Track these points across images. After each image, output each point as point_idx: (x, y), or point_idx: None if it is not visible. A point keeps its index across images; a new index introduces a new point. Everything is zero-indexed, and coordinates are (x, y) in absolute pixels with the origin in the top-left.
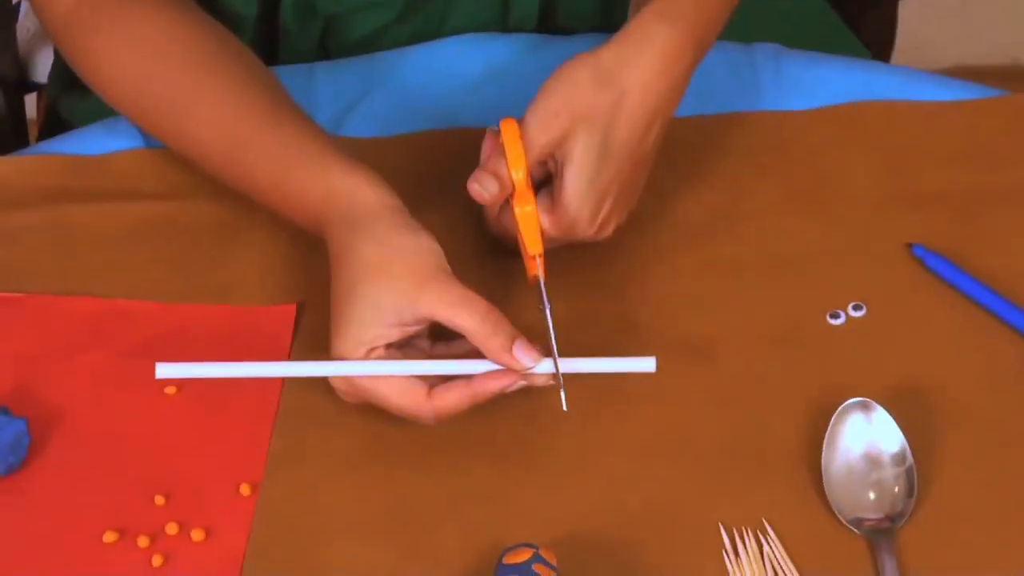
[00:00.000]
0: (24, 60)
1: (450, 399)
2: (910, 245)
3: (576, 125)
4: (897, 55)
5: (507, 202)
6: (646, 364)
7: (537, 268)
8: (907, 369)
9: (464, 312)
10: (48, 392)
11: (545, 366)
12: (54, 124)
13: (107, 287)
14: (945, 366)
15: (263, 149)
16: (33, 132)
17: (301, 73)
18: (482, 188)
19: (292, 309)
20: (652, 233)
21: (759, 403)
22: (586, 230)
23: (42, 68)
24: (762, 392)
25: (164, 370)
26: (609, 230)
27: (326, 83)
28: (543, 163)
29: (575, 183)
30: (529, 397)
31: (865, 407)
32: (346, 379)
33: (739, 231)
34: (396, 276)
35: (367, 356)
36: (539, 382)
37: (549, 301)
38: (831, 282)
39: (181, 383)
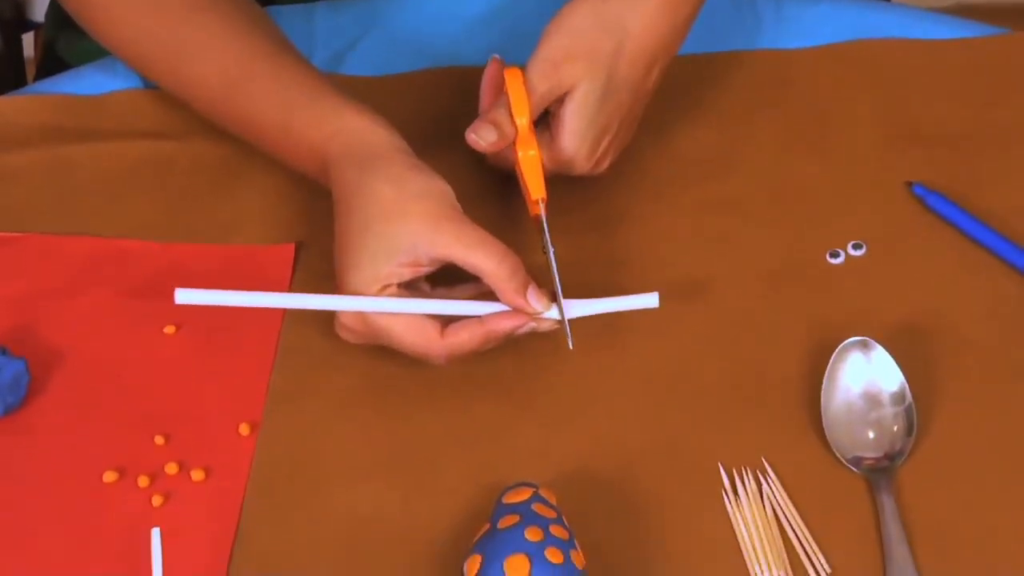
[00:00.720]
0: None
1: (463, 337)
2: (910, 184)
3: (578, 69)
4: None
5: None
6: (649, 300)
7: (540, 211)
8: (906, 308)
9: (482, 253)
10: (47, 332)
11: (554, 312)
12: (51, 63)
13: (106, 227)
14: (944, 305)
15: (266, 91)
16: (31, 71)
17: (300, 13)
18: (479, 138)
19: (291, 248)
20: (652, 172)
21: (758, 342)
22: (583, 166)
23: (39, 7)
24: (761, 331)
25: (183, 296)
26: (604, 165)
27: (325, 22)
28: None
29: (574, 123)
30: (531, 337)
31: (864, 346)
32: (358, 317)
33: (739, 169)
34: (413, 216)
35: (380, 293)
36: (545, 326)
37: (552, 245)
38: (831, 221)
39: (181, 322)
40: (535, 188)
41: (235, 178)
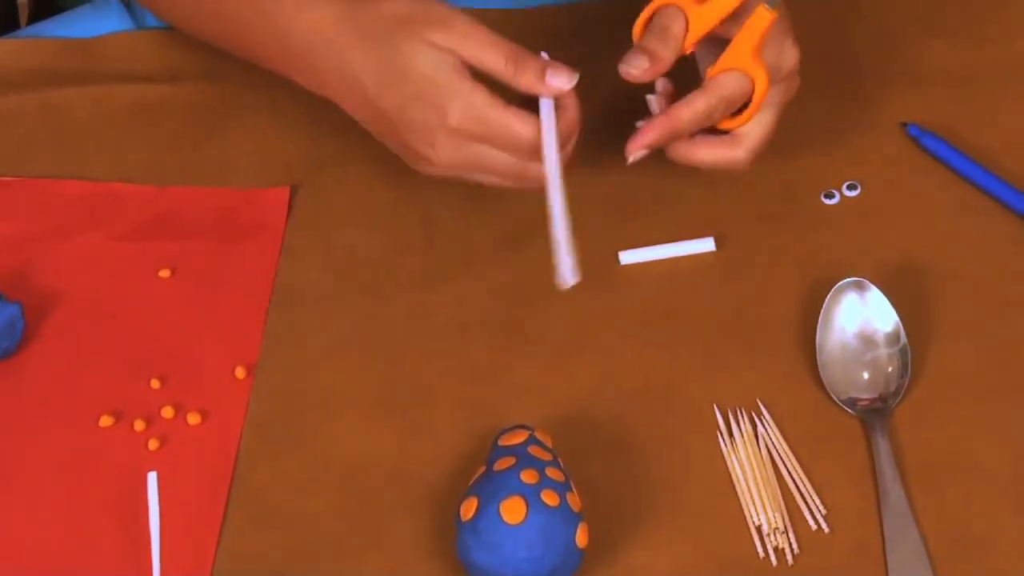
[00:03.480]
0: None
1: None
2: (905, 124)
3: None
4: None
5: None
6: (706, 244)
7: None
8: (901, 249)
9: (491, 52)
10: (42, 276)
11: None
12: (44, 7)
13: (100, 170)
14: (939, 245)
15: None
16: (24, 16)
17: None
18: (630, 66)
19: (286, 192)
20: (643, 109)
21: (753, 283)
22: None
23: None
24: (756, 272)
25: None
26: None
27: None
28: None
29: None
30: (529, 275)
31: (859, 287)
32: (471, 133)
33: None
34: (422, 18)
35: (478, 85)
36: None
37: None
38: (825, 161)
39: (176, 266)
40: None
41: (229, 121)
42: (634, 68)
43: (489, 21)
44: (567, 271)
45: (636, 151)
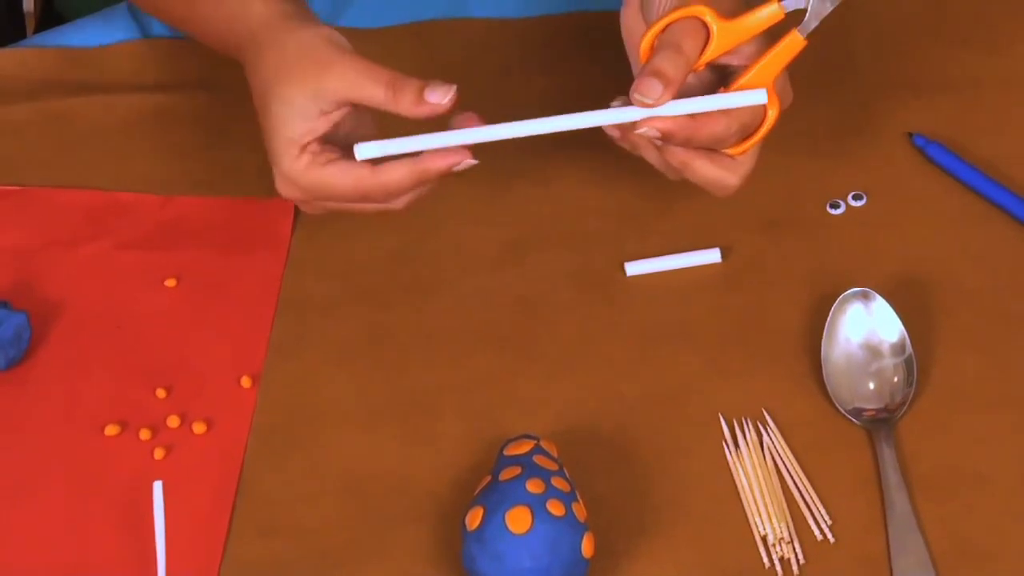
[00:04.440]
0: None
1: (397, 174)
2: (910, 134)
3: None
4: None
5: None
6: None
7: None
8: (907, 259)
9: (368, 83)
10: (48, 286)
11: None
12: (50, 17)
13: (105, 179)
14: (945, 256)
15: None
16: (30, 25)
17: None
18: (643, 96)
19: (291, 202)
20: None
21: (759, 293)
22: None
23: None
24: (762, 282)
25: (363, 150)
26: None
27: None
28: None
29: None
30: (529, 284)
31: (865, 297)
32: (291, 181)
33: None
34: (298, 69)
35: (302, 154)
36: (463, 162)
37: None
38: (831, 171)
39: (182, 275)
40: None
41: (235, 131)
42: (649, 98)
43: (489, 30)
44: None
45: (650, 128)
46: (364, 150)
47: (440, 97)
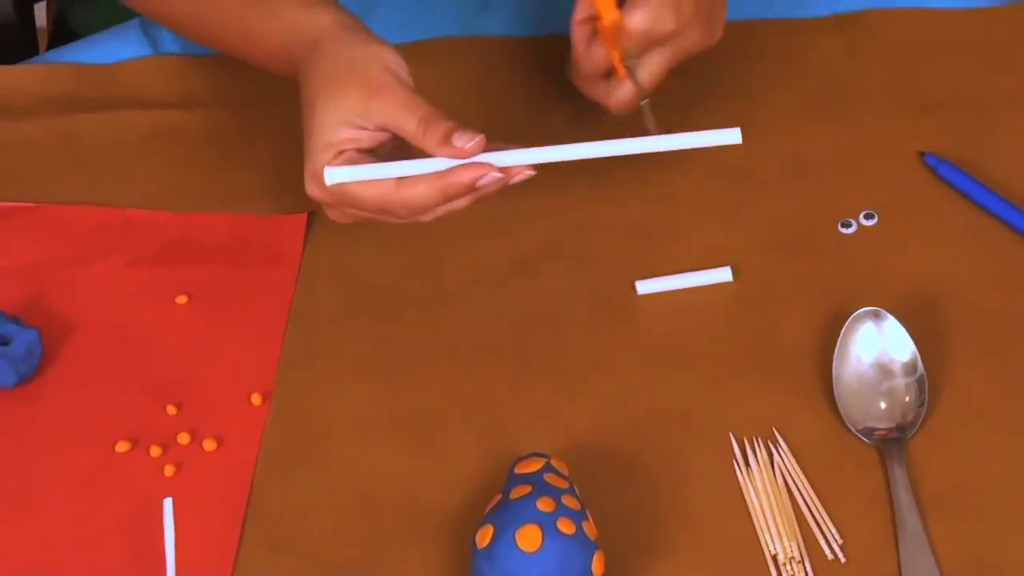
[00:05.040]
0: None
1: (419, 189)
2: (922, 153)
3: None
4: None
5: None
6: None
7: (616, 39)
8: (919, 278)
9: (405, 114)
10: (60, 302)
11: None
12: (63, 33)
13: (117, 196)
14: (957, 275)
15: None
16: (43, 41)
17: None
18: (622, 105)
19: (303, 218)
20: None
21: (770, 312)
22: (671, 19)
23: None
24: (773, 301)
25: (332, 175)
26: (698, 31)
27: None
28: None
29: None
30: (540, 301)
31: (876, 316)
32: (320, 184)
33: (750, 138)
34: (348, 85)
35: (336, 158)
36: (516, 175)
37: (634, 56)
38: (843, 190)
39: (192, 292)
40: (608, 11)
41: (245, 147)
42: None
43: (498, 49)
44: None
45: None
46: (333, 174)
47: (465, 142)
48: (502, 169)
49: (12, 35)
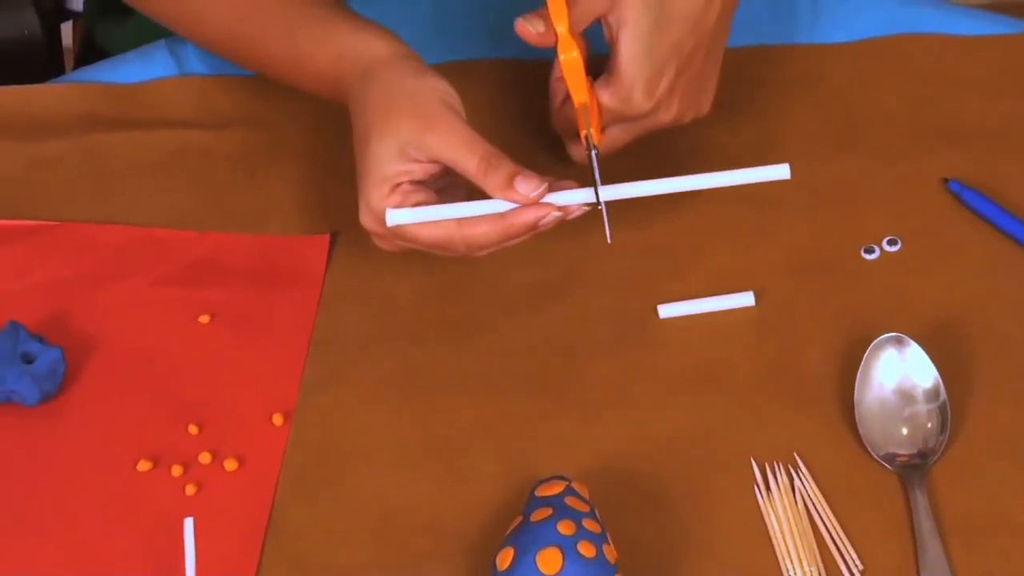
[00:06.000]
0: None
1: (480, 229)
2: (945, 180)
3: None
4: None
5: (568, 98)
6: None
7: (584, 120)
8: (941, 304)
9: (464, 151)
10: (83, 321)
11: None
12: (90, 52)
13: (142, 215)
14: (980, 301)
15: (271, 21)
16: (69, 60)
17: None
18: (527, 23)
19: (326, 239)
20: (687, 164)
21: (792, 337)
22: (642, 102)
23: None
24: (795, 326)
25: (393, 216)
26: (672, 111)
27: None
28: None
29: (629, 46)
30: (562, 325)
31: (899, 342)
32: (377, 219)
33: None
34: (403, 116)
35: (392, 193)
36: (575, 212)
37: (595, 146)
38: (866, 216)
39: (215, 311)
40: (577, 92)
41: (270, 167)
42: (531, 28)
43: (508, 72)
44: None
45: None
46: (395, 216)
47: (529, 190)
48: (560, 207)
49: (39, 54)
